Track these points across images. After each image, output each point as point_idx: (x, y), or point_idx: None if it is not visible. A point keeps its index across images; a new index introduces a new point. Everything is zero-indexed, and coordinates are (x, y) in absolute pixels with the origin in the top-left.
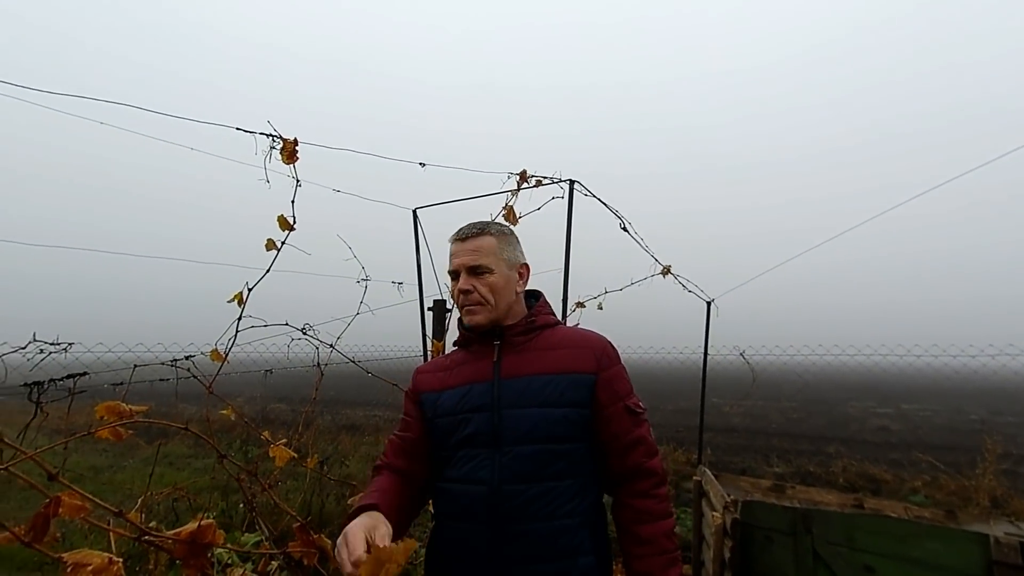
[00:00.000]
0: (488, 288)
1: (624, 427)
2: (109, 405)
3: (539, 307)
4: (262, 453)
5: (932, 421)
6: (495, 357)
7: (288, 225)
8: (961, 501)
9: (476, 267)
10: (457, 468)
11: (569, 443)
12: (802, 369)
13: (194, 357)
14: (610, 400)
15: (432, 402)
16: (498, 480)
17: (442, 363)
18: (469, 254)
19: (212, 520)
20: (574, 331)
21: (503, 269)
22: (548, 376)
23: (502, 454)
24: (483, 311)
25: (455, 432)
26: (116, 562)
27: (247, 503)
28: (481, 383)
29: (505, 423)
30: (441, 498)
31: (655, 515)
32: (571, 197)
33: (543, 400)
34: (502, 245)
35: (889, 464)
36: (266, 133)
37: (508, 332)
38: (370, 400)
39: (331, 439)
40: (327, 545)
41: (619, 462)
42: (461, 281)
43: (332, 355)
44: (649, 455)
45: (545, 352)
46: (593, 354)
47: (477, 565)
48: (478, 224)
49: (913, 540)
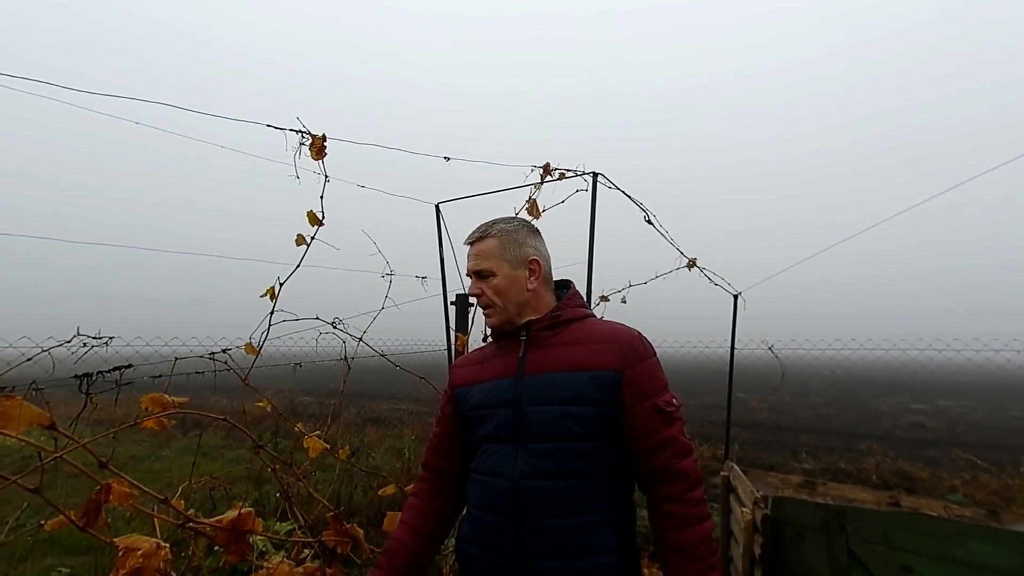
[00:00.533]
0: (493, 291)
1: (652, 427)
2: (153, 396)
3: (567, 299)
4: (292, 444)
5: (970, 418)
6: (520, 352)
7: (317, 220)
8: (1003, 501)
9: (480, 271)
10: (482, 460)
11: (589, 442)
12: (834, 364)
13: (230, 351)
14: (636, 399)
15: (464, 396)
16: (518, 475)
17: (475, 356)
18: (473, 259)
19: (251, 509)
20: (603, 325)
21: (505, 270)
22: (569, 373)
23: (524, 450)
24: (495, 313)
25: (481, 426)
26: (164, 547)
27: (283, 492)
28: (506, 379)
29: (526, 420)
30: (474, 489)
31: (689, 520)
32: (595, 190)
33: (563, 398)
34: (504, 245)
35: (925, 462)
36: (295, 130)
37: (533, 327)
38: (394, 394)
39: (357, 431)
40: (359, 534)
41: (648, 463)
42: (471, 286)
43: (359, 349)
44: (680, 456)
45: (570, 347)
46: (619, 350)
47: (502, 555)
48: (481, 227)
49: (955, 540)
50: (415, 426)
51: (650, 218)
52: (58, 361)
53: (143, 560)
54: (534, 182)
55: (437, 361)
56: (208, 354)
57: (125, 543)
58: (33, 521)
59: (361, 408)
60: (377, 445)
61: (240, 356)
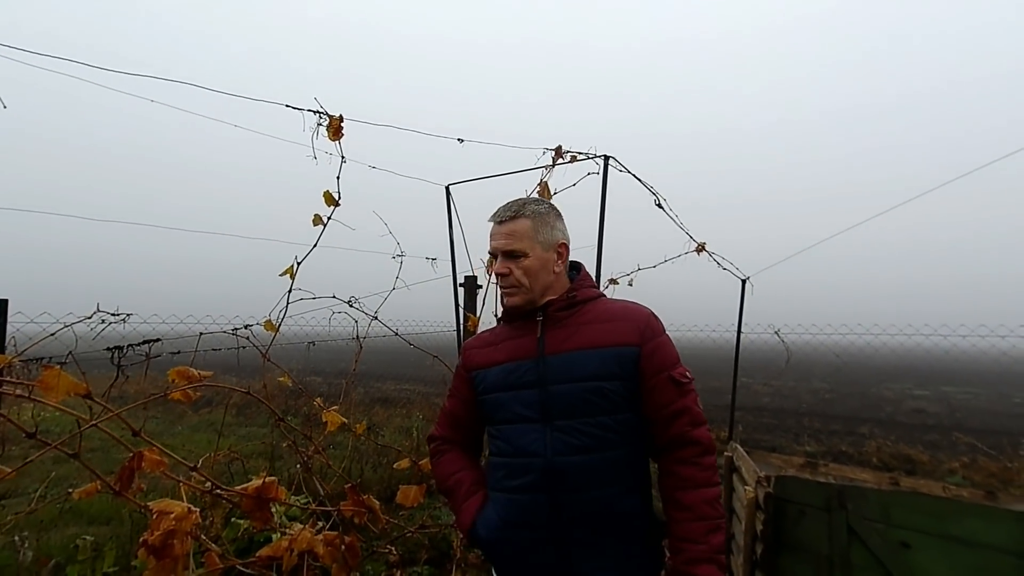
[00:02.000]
0: (523, 272)
1: (669, 397)
2: (180, 370)
3: (579, 280)
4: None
5: (972, 404)
6: (538, 333)
7: (334, 201)
8: (1001, 483)
9: (511, 251)
10: (510, 442)
11: (616, 414)
12: (839, 349)
13: (252, 327)
14: (654, 371)
15: (481, 378)
16: (551, 452)
17: (488, 338)
18: (504, 238)
19: (274, 478)
20: (616, 303)
21: (538, 252)
22: (592, 350)
23: (553, 428)
24: (519, 293)
25: (503, 408)
26: (194, 511)
27: (302, 464)
28: (527, 360)
29: (553, 398)
30: (498, 472)
31: (697, 482)
32: (605, 173)
33: (588, 374)
34: (538, 227)
35: (925, 445)
36: (314, 110)
37: (550, 308)
38: (401, 374)
39: (365, 411)
40: (375, 505)
41: (664, 432)
42: (497, 264)
43: (371, 328)
44: (694, 424)
45: (588, 326)
46: (636, 326)
47: (537, 531)
48: (514, 206)
49: (953, 518)
50: (423, 406)
51: (660, 202)
52: (79, 337)
53: (176, 523)
54: (546, 164)
55: (446, 341)
56: (232, 330)
57: (159, 507)
58: (54, 492)
59: (368, 388)
60: (386, 424)
61: (260, 333)
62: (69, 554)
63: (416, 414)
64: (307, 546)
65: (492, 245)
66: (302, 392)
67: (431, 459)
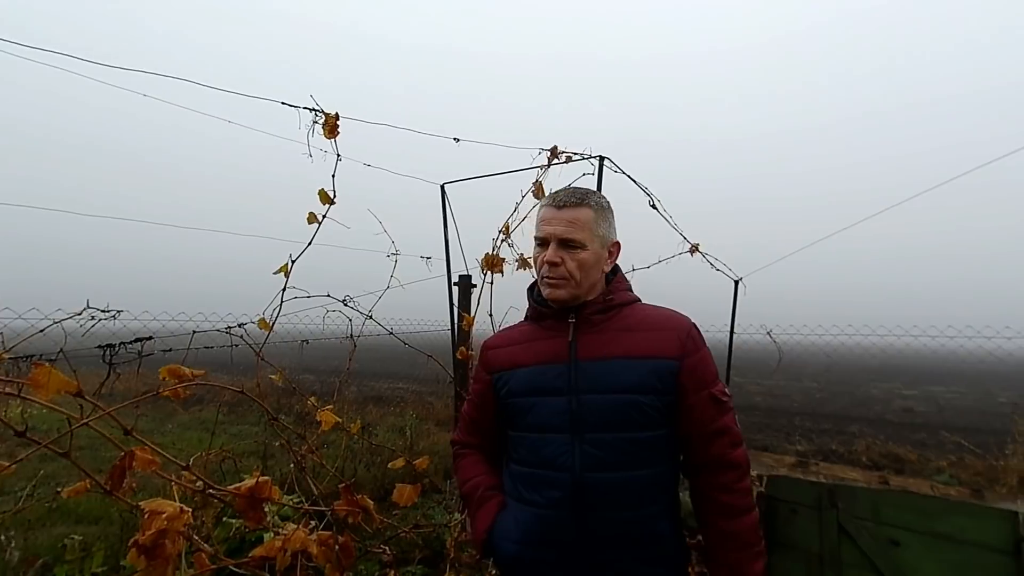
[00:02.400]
0: (577, 264)
1: (708, 415)
2: (171, 368)
3: (617, 283)
4: (293, 421)
5: (959, 403)
6: (570, 336)
7: (328, 199)
8: (987, 481)
9: (568, 240)
10: (532, 452)
11: (651, 431)
12: (830, 349)
13: (246, 325)
14: (695, 388)
15: (504, 381)
16: (579, 467)
17: (512, 337)
18: (564, 224)
19: (267, 478)
20: (656, 310)
21: (596, 247)
22: (629, 360)
23: (582, 441)
24: (567, 287)
25: (529, 414)
26: (187, 511)
27: (296, 463)
28: (556, 364)
29: (585, 409)
30: (520, 482)
31: (740, 509)
32: (600, 173)
33: (624, 386)
34: (599, 220)
35: (914, 444)
36: (309, 108)
37: (585, 309)
38: (395, 373)
39: (358, 409)
40: (370, 505)
41: (701, 451)
42: (550, 252)
43: (365, 327)
44: (734, 445)
45: (625, 333)
46: (677, 337)
47: (559, 550)
48: (579, 192)
49: (940, 515)
50: (416, 405)
51: (654, 203)
52: (68, 334)
53: (168, 522)
54: (541, 164)
55: (440, 340)
56: (225, 328)
57: (150, 506)
58: (42, 491)
59: (362, 386)
60: (379, 423)
61: (254, 331)
62: (57, 554)
63: (410, 413)
64: (301, 546)
65: (545, 230)
66: (295, 391)
67: (453, 462)
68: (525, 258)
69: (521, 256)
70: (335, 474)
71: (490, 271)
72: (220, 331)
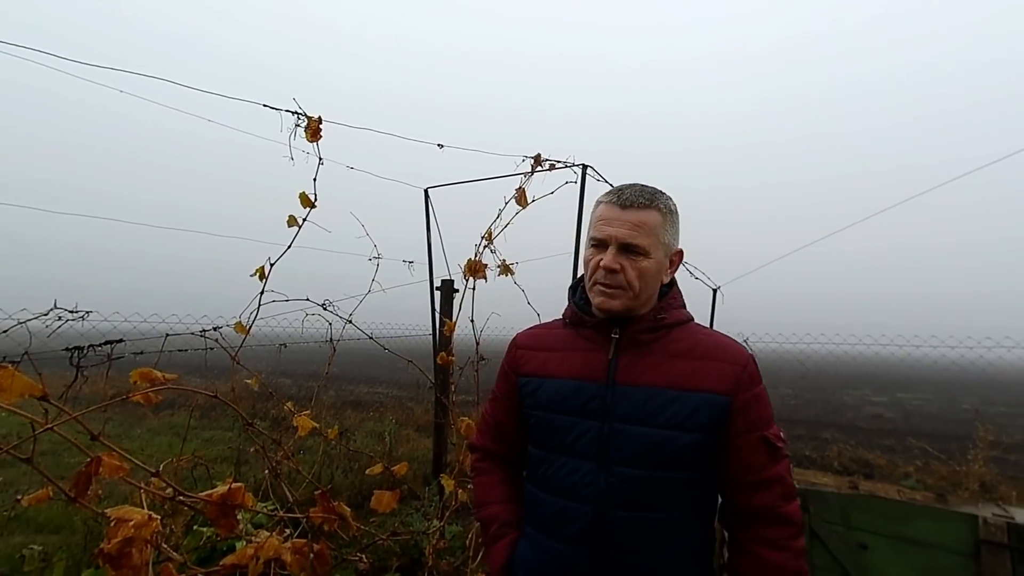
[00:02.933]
0: (638, 273)
1: (759, 461)
2: (143, 372)
3: (670, 299)
4: (269, 425)
5: (925, 410)
6: (610, 354)
7: (310, 202)
8: (951, 486)
9: (632, 246)
10: (555, 477)
11: (690, 471)
12: (804, 357)
13: (221, 328)
14: (746, 428)
15: (532, 389)
16: (604, 502)
17: (546, 340)
18: (629, 228)
19: (241, 484)
20: (709, 336)
21: (659, 255)
22: (676, 391)
23: (609, 473)
24: (623, 297)
25: (555, 434)
26: (155, 518)
27: (271, 470)
28: (592, 383)
29: (617, 438)
30: (537, 509)
31: (789, 571)
32: (583, 181)
33: (666, 420)
34: (666, 225)
35: (883, 450)
36: (292, 111)
37: (632, 326)
38: (374, 377)
39: (336, 414)
40: (346, 512)
41: (746, 499)
42: (609, 256)
43: (345, 331)
44: (787, 498)
45: (674, 359)
46: (732, 372)
47: None
48: (647, 191)
49: (906, 519)
50: (396, 410)
51: None
52: (33, 334)
53: (135, 530)
54: (525, 171)
55: (422, 345)
56: (200, 331)
57: (117, 514)
58: (0, 499)
59: (340, 391)
60: (357, 428)
61: (230, 334)
62: (15, 564)
63: (389, 418)
64: (274, 554)
65: (606, 231)
66: (272, 395)
67: (471, 473)
68: (507, 264)
69: (503, 262)
70: (311, 480)
71: (473, 277)
72: (195, 334)
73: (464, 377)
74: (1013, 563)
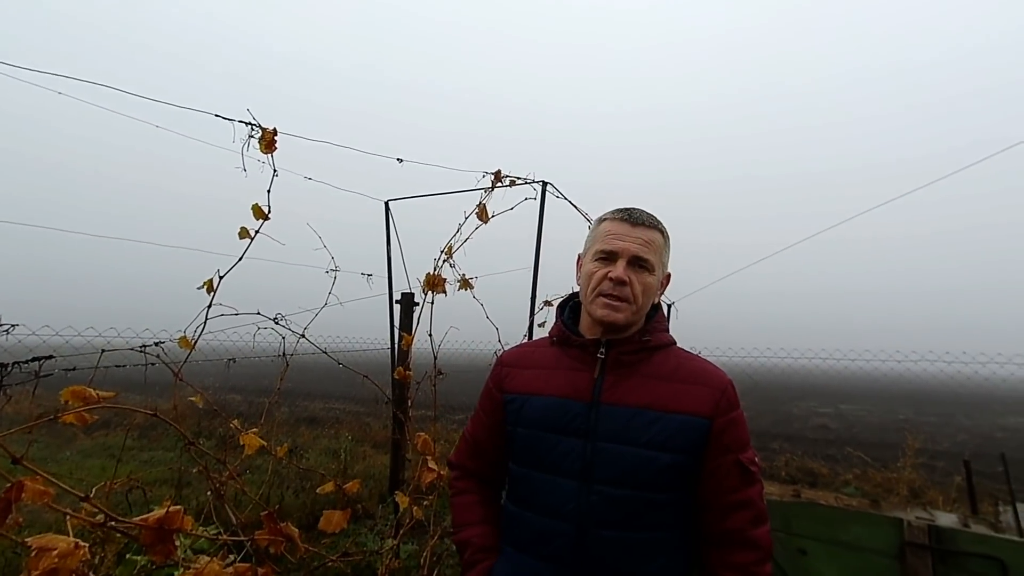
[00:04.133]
0: (643, 288)
1: (731, 484)
2: (75, 390)
3: (656, 322)
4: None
5: (866, 420)
6: (596, 372)
7: (263, 214)
8: (885, 492)
9: (642, 260)
10: (537, 495)
11: (670, 492)
12: (752, 370)
13: (164, 343)
14: (721, 451)
15: (517, 406)
16: (585, 521)
17: (534, 358)
18: (640, 243)
19: (180, 507)
20: (691, 360)
21: (659, 274)
22: (658, 412)
23: (591, 492)
24: (627, 310)
25: (538, 452)
26: (82, 546)
27: (214, 491)
28: (577, 402)
29: (600, 457)
30: (517, 528)
31: None
32: (543, 198)
33: (649, 440)
34: (665, 248)
35: (826, 459)
36: (245, 121)
37: (618, 347)
38: (331, 392)
39: (290, 431)
40: (294, 533)
41: (718, 522)
42: (618, 268)
43: (298, 346)
44: (756, 523)
45: (656, 381)
46: (712, 395)
47: None
48: (652, 215)
49: (840, 525)
50: (352, 426)
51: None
52: None
53: (59, 560)
54: (485, 187)
55: (380, 359)
56: (140, 347)
57: (39, 543)
58: None
59: (294, 407)
60: (311, 446)
61: (173, 349)
62: None
63: (345, 435)
64: None
65: (617, 244)
66: (218, 412)
67: (449, 491)
68: (467, 279)
69: (463, 277)
70: (258, 502)
71: (431, 291)
72: (134, 349)
73: (422, 392)
74: (934, 563)
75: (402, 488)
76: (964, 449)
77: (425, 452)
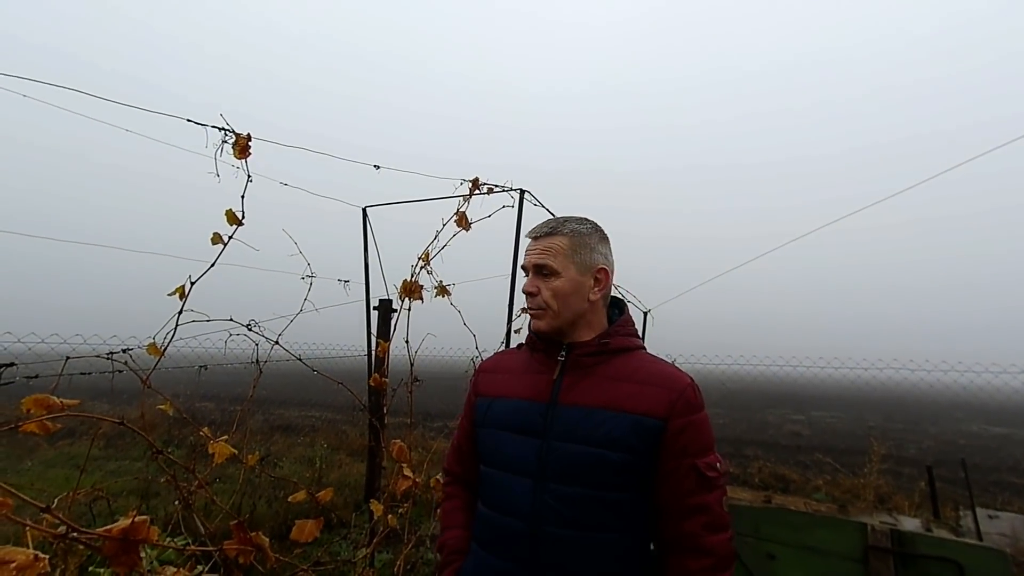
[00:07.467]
0: (551, 293)
1: (687, 488)
2: (37, 398)
3: (618, 325)
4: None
5: (836, 427)
6: (555, 375)
7: (236, 220)
8: (853, 497)
9: (542, 267)
10: (493, 493)
11: (621, 492)
12: (725, 378)
13: (132, 350)
14: (676, 455)
15: (484, 408)
16: (538, 519)
17: (505, 363)
18: (538, 253)
19: (146, 517)
20: (654, 363)
21: (572, 273)
22: (610, 412)
23: (544, 490)
24: (546, 316)
25: (499, 451)
26: (42, 559)
27: (182, 500)
28: (536, 403)
29: (553, 455)
30: (481, 526)
31: None
32: (521, 205)
33: (599, 439)
34: (576, 246)
35: (797, 465)
36: (218, 127)
37: (577, 350)
38: (306, 400)
39: (264, 439)
40: (264, 542)
41: (672, 526)
42: (526, 282)
43: (272, 353)
44: (711, 529)
45: (613, 382)
46: (668, 397)
47: None
48: (553, 221)
49: (807, 529)
50: (328, 434)
51: None
52: None
53: (17, 573)
54: (463, 194)
55: (357, 366)
56: (107, 354)
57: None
58: None
59: (268, 415)
60: (286, 454)
61: (142, 356)
62: None
63: (320, 443)
64: None
65: (525, 260)
66: (188, 420)
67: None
68: (444, 286)
69: (440, 283)
70: (229, 511)
71: (408, 298)
72: (100, 356)
73: (398, 399)
74: (896, 566)
75: (377, 496)
76: (928, 455)
77: (400, 460)
